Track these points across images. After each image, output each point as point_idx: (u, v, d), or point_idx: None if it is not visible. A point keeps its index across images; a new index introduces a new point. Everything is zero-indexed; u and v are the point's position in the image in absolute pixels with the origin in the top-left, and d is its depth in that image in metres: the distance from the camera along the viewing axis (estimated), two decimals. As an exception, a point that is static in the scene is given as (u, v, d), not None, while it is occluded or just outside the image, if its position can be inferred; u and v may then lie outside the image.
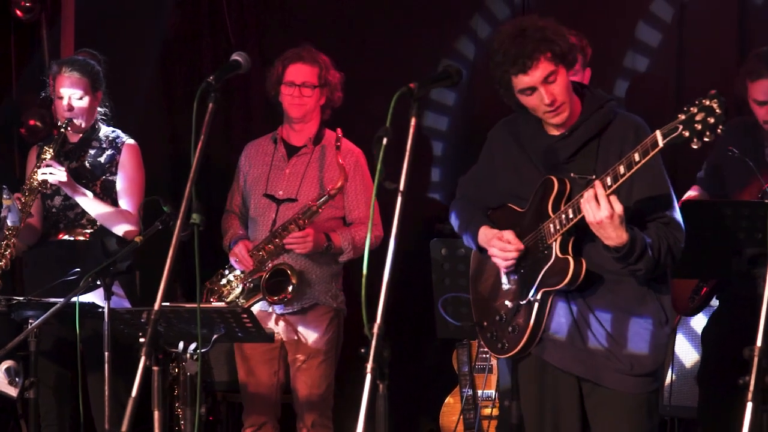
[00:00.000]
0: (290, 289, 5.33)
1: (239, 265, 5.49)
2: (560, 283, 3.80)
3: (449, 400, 6.34)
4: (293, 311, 5.45)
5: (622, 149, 3.69)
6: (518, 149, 3.99)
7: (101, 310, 4.76)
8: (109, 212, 5.44)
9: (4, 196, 5.25)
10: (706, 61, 5.40)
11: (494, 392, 6.03)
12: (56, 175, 5.29)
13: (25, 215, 5.30)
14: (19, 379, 4.95)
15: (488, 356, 6.16)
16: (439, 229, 5.94)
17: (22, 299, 4.99)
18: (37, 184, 5.32)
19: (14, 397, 4.98)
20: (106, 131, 5.58)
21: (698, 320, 5.80)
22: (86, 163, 5.51)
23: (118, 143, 5.55)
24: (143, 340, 3.47)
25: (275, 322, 5.47)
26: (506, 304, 3.99)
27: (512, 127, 4.05)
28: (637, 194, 3.79)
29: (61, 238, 5.48)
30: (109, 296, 4.65)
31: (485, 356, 6.16)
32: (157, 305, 3.52)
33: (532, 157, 3.95)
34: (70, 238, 5.48)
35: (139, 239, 4.82)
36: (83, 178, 5.47)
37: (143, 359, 3.43)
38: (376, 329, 3.10)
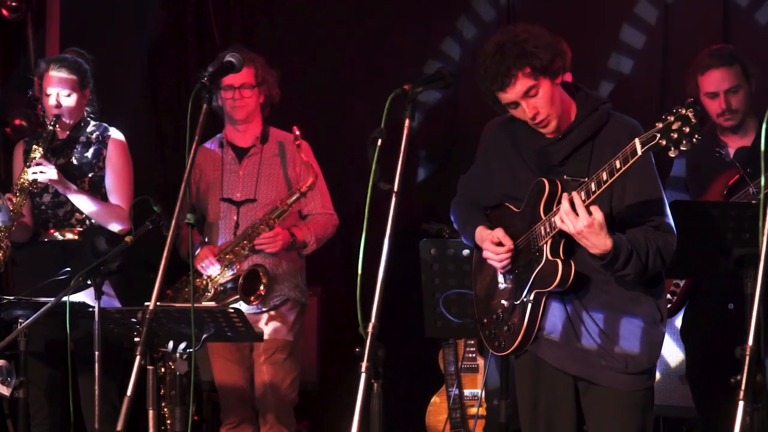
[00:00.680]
0: (262, 287, 5.39)
1: (205, 270, 5.50)
2: (550, 285, 3.82)
3: (435, 399, 6.35)
4: (267, 309, 5.49)
5: (615, 153, 3.68)
6: (513, 151, 4.01)
7: (92, 309, 4.77)
8: (100, 208, 5.42)
9: (-6, 196, 5.25)
10: (690, 62, 5.42)
11: (480, 391, 6.05)
12: (46, 173, 5.27)
13: (16, 215, 5.28)
14: (11, 378, 4.94)
15: (474, 356, 6.19)
16: (424, 228, 5.94)
17: (12, 298, 4.98)
18: (27, 183, 5.30)
19: (7, 396, 4.98)
20: (92, 126, 5.57)
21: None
22: (73, 159, 5.50)
23: (103, 138, 5.54)
24: (138, 339, 3.48)
25: (266, 322, 5.49)
26: (503, 303, 4.01)
27: (508, 128, 4.06)
28: (629, 198, 3.81)
29: (51, 236, 5.46)
30: (99, 296, 4.66)
31: (472, 356, 6.19)
32: (152, 305, 3.53)
33: (526, 158, 3.97)
34: (60, 236, 5.46)
35: (129, 239, 4.82)
36: (71, 175, 5.45)
37: (138, 358, 3.45)
38: (370, 329, 3.14)
